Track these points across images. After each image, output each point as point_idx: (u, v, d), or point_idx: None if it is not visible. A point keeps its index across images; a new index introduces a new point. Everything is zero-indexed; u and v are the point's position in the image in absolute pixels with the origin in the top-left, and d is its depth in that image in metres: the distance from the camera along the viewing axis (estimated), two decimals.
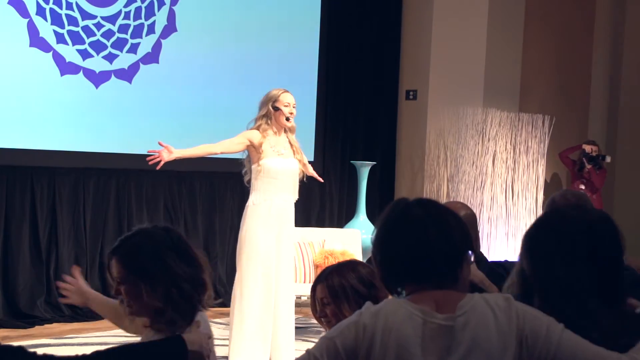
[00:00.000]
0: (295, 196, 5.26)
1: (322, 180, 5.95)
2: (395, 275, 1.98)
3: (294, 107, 5.22)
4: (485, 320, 1.86)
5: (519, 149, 8.70)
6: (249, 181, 5.25)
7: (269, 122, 5.18)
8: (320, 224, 8.34)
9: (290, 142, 5.26)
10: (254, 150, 5.13)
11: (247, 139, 5.12)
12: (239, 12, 7.66)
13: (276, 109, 5.18)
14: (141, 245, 2.34)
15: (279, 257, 5.18)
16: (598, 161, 8.85)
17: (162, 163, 5.01)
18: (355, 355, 1.87)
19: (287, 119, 5.19)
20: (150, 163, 5.05)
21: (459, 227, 1.99)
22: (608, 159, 8.90)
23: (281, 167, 5.15)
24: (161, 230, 2.37)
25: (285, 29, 7.99)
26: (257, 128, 5.16)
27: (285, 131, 5.25)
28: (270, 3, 7.90)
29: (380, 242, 2.00)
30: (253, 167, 5.16)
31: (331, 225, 8.36)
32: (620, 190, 9.59)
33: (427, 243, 1.94)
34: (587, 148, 8.89)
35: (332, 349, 1.88)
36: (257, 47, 7.76)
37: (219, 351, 5.82)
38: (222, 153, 5.22)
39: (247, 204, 5.21)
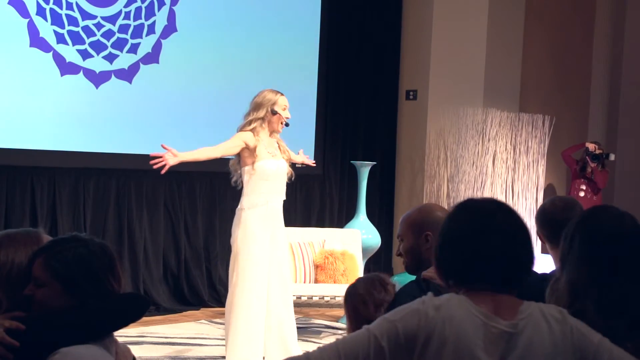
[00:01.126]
0: (284, 197, 5.24)
1: (315, 164, 5.88)
2: (463, 273, 1.97)
3: (288, 109, 5.20)
4: (541, 330, 1.88)
5: (519, 149, 8.70)
6: (236, 182, 5.23)
7: (264, 124, 5.14)
8: (320, 224, 8.34)
9: (278, 143, 5.22)
10: (247, 152, 5.09)
11: (243, 142, 5.08)
12: (239, 12, 7.67)
13: (274, 112, 5.14)
14: (79, 255, 2.18)
15: (272, 259, 5.16)
16: (602, 159, 8.81)
17: (167, 167, 4.95)
18: (414, 342, 1.87)
19: (287, 125, 5.16)
20: (155, 167, 4.99)
21: (525, 231, 2.00)
22: (612, 157, 8.87)
23: (275, 169, 5.13)
24: (98, 246, 2.22)
25: (286, 28, 7.99)
26: (252, 130, 5.11)
27: (272, 133, 5.21)
28: (271, 3, 7.91)
29: (457, 238, 1.98)
30: (246, 169, 5.12)
31: (331, 225, 8.36)
32: (621, 190, 9.59)
33: (512, 249, 1.95)
34: (591, 146, 8.85)
35: (392, 332, 1.88)
36: (257, 47, 7.76)
37: (219, 351, 5.83)
38: (222, 156, 5.18)
39: (239, 208, 5.17)
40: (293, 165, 5.38)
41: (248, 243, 5.07)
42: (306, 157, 5.65)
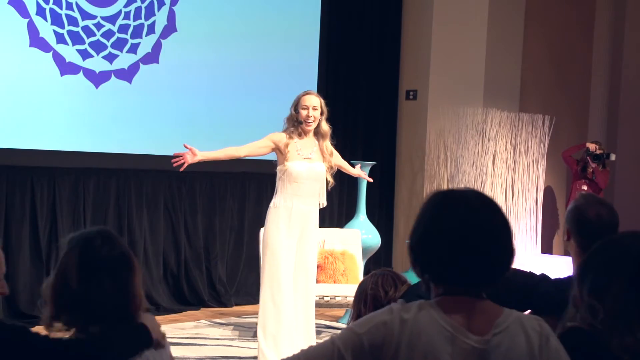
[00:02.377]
0: (322, 201, 5.24)
1: (371, 180, 5.94)
2: (437, 272, 1.87)
3: (313, 109, 5.14)
4: (518, 344, 1.80)
5: (519, 149, 8.70)
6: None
7: (295, 124, 5.15)
8: (320, 224, 8.28)
9: (320, 147, 5.21)
10: (279, 152, 5.13)
11: (272, 142, 5.10)
12: (239, 12, 7.66)
13: (297, 111, 5.15)
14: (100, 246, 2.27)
15: (300, 260, 5.18)
16: (603, 159, 8.75)
17: (185, 165, 5.02)
18: (379, 355, 1.82)
19: (306, 122, 5.13)
20: (174, 165, 5.06)
21: (508, 230, 1.88)
22: (613, 157, 8.79)
23: (305, 171, 5.11)
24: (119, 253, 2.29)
25: (285, 28, 7.99)
26: (285, 130, 5.16)
27: (316, 135, 5.20)
28: (271, 3, 7.90)
29: (437, 232, 1.86)
30: (278, 168, 5.16)
31: (331, 225, 8.35)
32: (621, 190, 9.59)
33: (479, 238, 1.83)
34: (592, 146, 8.80)
35: (357, 345, 1.83)
36: (256, 47, 7.76)
37: (219, 351, 5.83)
38: (246, 156, 5.19)
39: (269, 205, 5.20)
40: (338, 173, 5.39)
41: (271, 243, 5.10)
42: (363, 172, 5.64)
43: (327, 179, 5.27)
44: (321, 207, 5.29)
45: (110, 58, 6.88)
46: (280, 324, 5.07)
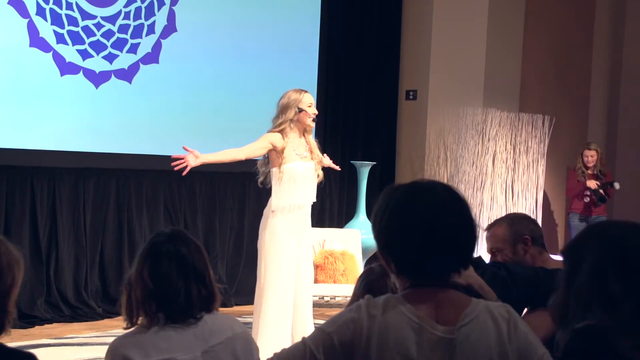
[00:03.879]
0: (314, 199, 5.23)
1: (339, 168, 5.81)
2: (400, 260, 1.88)
3: (314, 106, 5.19)
4: (487, 332, 1.82)
5: (519, 149, 8.70)
6: (263, 182, 5.20)
7: (292, 125, 5.11)
8: (320, 224, 8.33)
9: (307, 143, 5.21)
10: (275, 154, 5.06)
11: (270, 143, 5.04)
12: (239, 12, 7.66)
13: (300, 110, 5.11)
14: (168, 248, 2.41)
15: (299, 263, 5.15)
16: (604, 199, 8.52)
17: (188, 169, 4.93)
18: (351, 352, 1.84)
19: (313, 120, 5.14)
20: (175, 169, 4.97)
21: (474, 222, 1.91)
22: (617, 186, 8.55)
23: (303, 170, 5.11)
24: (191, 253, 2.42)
25: (285, 28, 7.99)
26: (280, 132, 5.07)
27: (303, 133, 5.20)
28: (270, 3, 7.90)
29: (390, 219, 1.89)
30: (273, 170, 5.08)
31: (331, 225, 8.36)
32: (621, 190, 9.58)
33: (447, 231, 1.85)
34: (592, 185, 8.56)
35: (328, 344, 1.85)
36: (256, 47, 7.76)
37: None
38: (246, 158, 5.12)
39: (267, 208, 5.13)
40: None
41: (275, 246, 5.02)
42: (331, 161, 5.58)
43: (320, 176, 5.26)
44: (313, 203, 5.27)
45: (110, 58, 6.89)
46: (279, 332, 4.99)
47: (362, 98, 8.84)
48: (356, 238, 7.11)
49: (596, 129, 9.96)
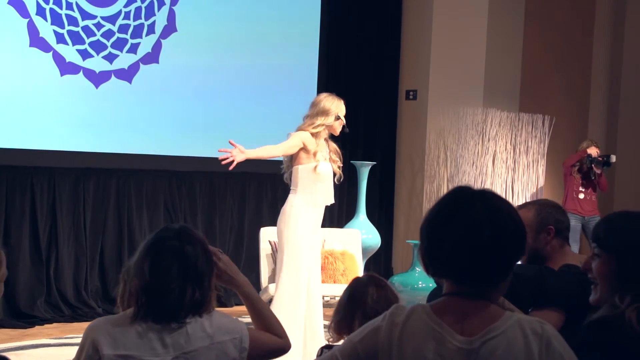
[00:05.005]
0: (332, 200, 5.35)
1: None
2: (435, 266, 1.88)
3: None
4: (514, 350, 1.76)
5: (519, 149, 8.70)
6: (287, 178, 5.29)
7: (326, 129, 5.26)
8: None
9: (328, 146, 5.32)
10: (304, 152, 5.17)
11: (302, 142, 5.16)
12: (239, 12, 7.66)
13: (338, 118, 5.29)
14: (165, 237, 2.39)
15: (312, 261, 5.27)
16: (609, 163, 8.34)
17: (235, 163, 5.00)
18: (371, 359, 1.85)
19: (342, 131, 5.32)
20: (222, 163, 5.04)
21: (516, 232, 1.85)
22: (613, 159, 8.43)
23: (328, 171, 5.24)
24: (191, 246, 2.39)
25: (286, 29, 7.99)
26: (314, 133, 5.20)
27: (328, 136, 5.33)
28: (271, 3, 7.90)
29: (428, 228, 1.88)
30: (300, 167, 5.18)
31: (331, 225, 8.34)
32: (620, 190, 9.59)
33: (475, 243, 1.81)
34: (593, 152, 8.35)
35: (354, 354, 1.87)
36: (257, 47, 7.76)
37: None
38: (282, 155, 5.23)
39: (290, 205, 5.19)
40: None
41: (297, 242, 5.12)
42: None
43: (338, 174, 5.35)
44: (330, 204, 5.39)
45: (110, 58, 6.88)
46: (296, 326, 5.04)
47: (362, 98, 8.83)
48: (356, 238, 7.10)
49: (596, 129, 9.96)
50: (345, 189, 8.70)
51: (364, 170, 7.76)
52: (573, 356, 1.80)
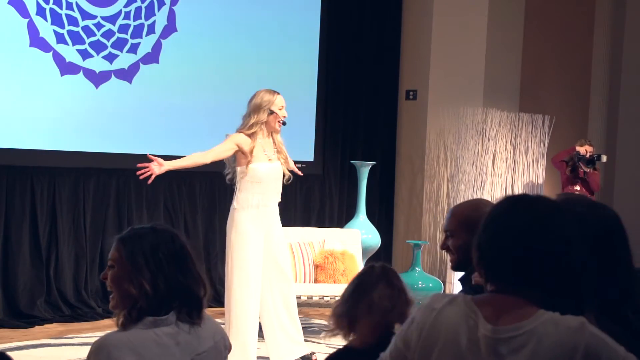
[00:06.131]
0: (279, 198, 5.24)
1: (302, 174, 5.68)
2: (479, 263, 1.91)
3: (285, 109, 5.19)
4: (545, 347, 1.75)
5: (519, 149, 8.70)
6: (231, 179, 5.22)
7: (262, 126, 5.13)
8: (320, 224, 8.34)
9: (274, 142, 5.21)
10: (241, 154, 5.09)
11: (236, 145, 5.06)
12: (239, 12, 7.67)
13: (271, 112, 5.13)
14: (143, 235, 2.35)
15: (271, 260, 5.18)
16: (594, 161, 8.38)
17: (153, 177, 4.99)
18: (408, 348, 1.90)
19: (284, 123, 5.17)
20: (141, 177, 5.02)
21: (562, 239, 1.85)
22: (604, 159, 8.41)
23: (268, 171, 5.12)
24: (168, 232, 2.38)
25: (286, 28, 7.99)
26: (250, 135, 5.09)
27: (271, 133, 5.20)
28: (271, 3, 7.91)
29: (486, 227, 1.91)
30: (239, 169, 5.12)
31: (331, 225, 8.36)
32: (620, 190, 9.59)
33: (524, 244, 1.83)
34: (582, 150, 8.31)
35: (394, 346, 1.95)
36: (257, 47, 7.76)
37: None
38: (212, 161, 5.13)
39: (232, 207, 5.18)
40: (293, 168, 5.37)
41: (240, 243, 5.07)
42: (295, 167, 5.50)
43: (284, 173, 5.24)
44: (279, 202, 5.28)
45: (110, 58, 6.89)
46: (248, 328, 5.03)
47: (362, 98, 8.84)
48: (356, 238, 7.11)
49: (596, 129, 9.96)
50: (345, 189, 8.71)
51: (364, 170, 7.76)
52: (615, 345, 1.78)
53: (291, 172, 5.34)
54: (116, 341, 2.22)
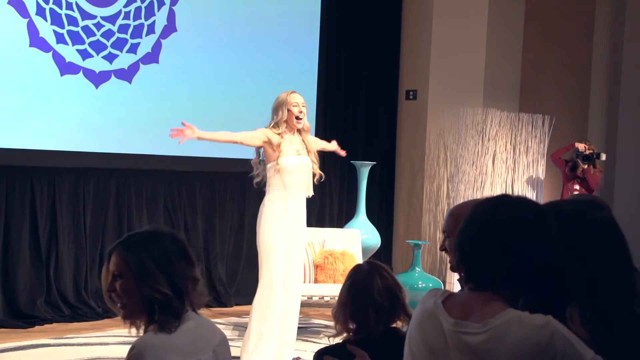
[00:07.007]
0: (310, 192, 5.38)
1: (344, 154, 6.03)
2: (460, 262, 1.94)
3: (303, 106, 5.34)
4: (508, 344, 1.78)
5: (519, 149, 8.70)
6: (259, 183, 5.38)
7: (285, 124, 5.30)
8: (320, 224, 8.34)
9: (304, 142, 5.38)
10: (270, 148, 5.24)
11: (266, 136, 5.23)
12: (239, 13, 7.67)
13: (288, 110, 5.30)
14: (147, 241, 2.33)
15: (289, 257, 5.29)
16: (593, 159, 8.42)
17: (183, 139, 5.16)
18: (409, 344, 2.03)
19: (298, 118, 5.30)
20: (172, 136, 5.18)
21: (531, 240, 1.86)
22: (603, 157, 8.42)
23: (296, 165, 5.26)
24: (168, 233, 2.39)
25: (286, 28, 7.99)
26: (272, 129, 5.27)
27: (299, 131, 5.37)
28: (270, 3, 7.90)
29: (466, 229, 1.94)
30: (270, 165, 5.26)
31: (331, 225, 8.36)
32: (621, 190, 9.59)
33: (503, 246, 1.85)
34: (581, 146, 8.38)
35: (406, 349, 2.04)
36: (256, 47, 7.76)
37: None
38: (240, 143, 5.27)
39: (263, 202, 5.30)
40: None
41: (268, 237, 5.20)
42: (338, 147, 5.88)
43: (314, 172, 5.40)
44: (308, 197, 5.41)
45: (110, 58, 6.89)
46: (268, 323, 5.14)
47: (362, 98, 8.84)
48: (356, 238, 7.10)
49: (596, 129, 9.96)
50: (345, 189, 8.71)
51: (364, 170, 7.76)
52: (582, 343, 1.79)
53: (333, 152, 5.74)
54: (157, 344, 2.20)
